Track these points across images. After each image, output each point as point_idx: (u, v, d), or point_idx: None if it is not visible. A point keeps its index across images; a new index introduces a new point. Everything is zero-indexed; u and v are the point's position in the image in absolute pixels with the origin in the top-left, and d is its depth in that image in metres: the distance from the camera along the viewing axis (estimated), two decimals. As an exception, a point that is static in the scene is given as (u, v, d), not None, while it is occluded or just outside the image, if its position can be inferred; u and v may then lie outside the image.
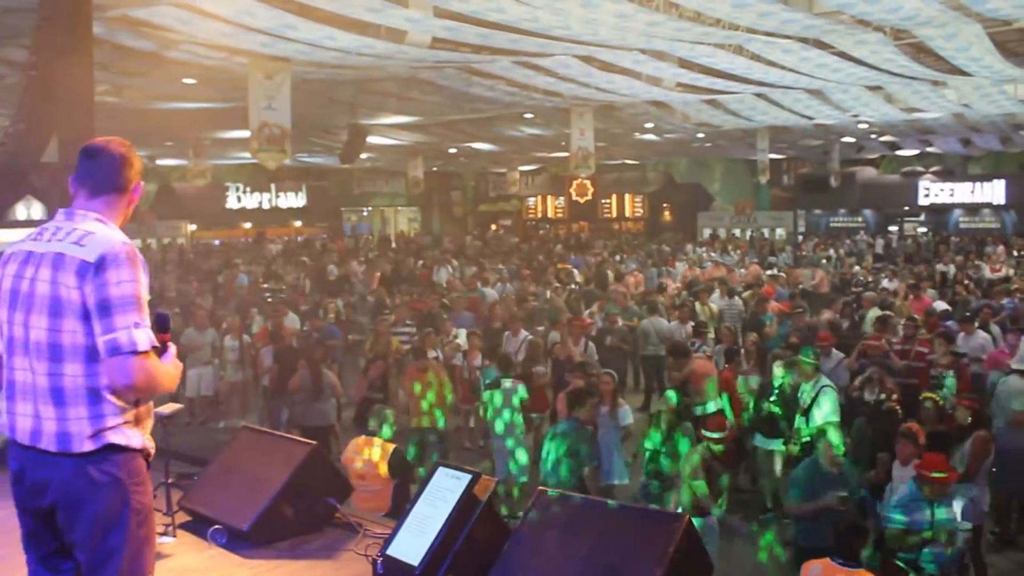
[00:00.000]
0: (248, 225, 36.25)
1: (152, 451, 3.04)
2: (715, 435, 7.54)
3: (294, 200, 38.35)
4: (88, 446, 2.84)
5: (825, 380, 9.15)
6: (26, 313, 2.87)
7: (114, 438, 2.87)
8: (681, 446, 8.08)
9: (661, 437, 8.17)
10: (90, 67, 9.22)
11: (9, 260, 2.97)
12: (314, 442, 4.82)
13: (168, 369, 2.98)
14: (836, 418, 8.73)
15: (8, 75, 15.10)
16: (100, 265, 2.79)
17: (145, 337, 2.81)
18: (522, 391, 9.56)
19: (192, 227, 34.09)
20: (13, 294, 2.91)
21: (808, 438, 8.54)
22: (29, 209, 29.34)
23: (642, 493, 8.07)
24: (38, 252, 2.89)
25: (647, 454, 8.36)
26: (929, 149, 33.27)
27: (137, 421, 2.96)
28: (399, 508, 6.02)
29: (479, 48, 15.04)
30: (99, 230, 2.90)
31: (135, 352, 2.78)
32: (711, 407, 9.73)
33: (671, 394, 9.12)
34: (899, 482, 7.19)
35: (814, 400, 8.78)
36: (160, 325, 3.01)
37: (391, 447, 6.87)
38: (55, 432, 2.84)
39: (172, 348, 3.05)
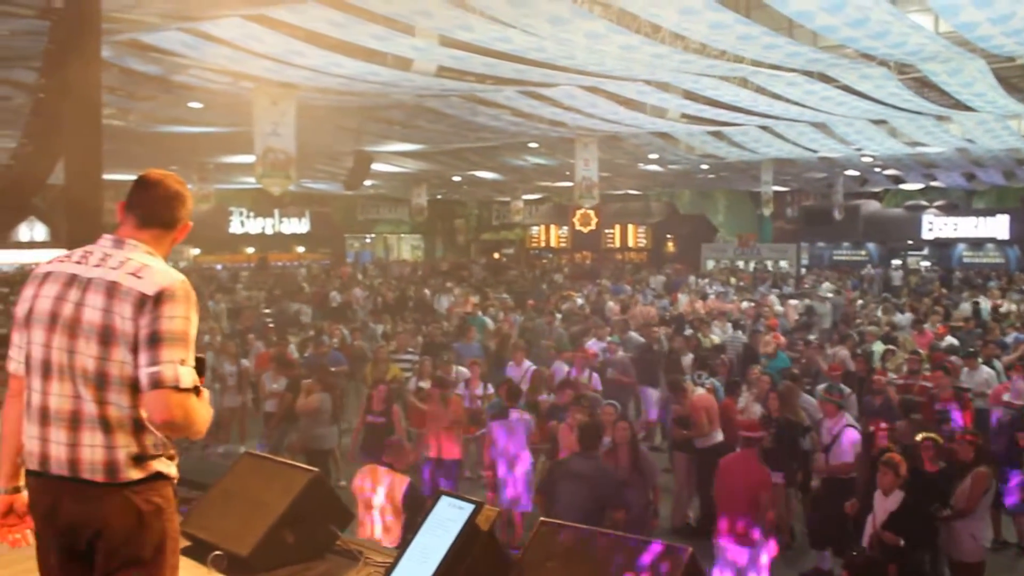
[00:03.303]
0: (251, 250, 36.34)
1: (176, 481, 3.02)
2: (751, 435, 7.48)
3: (297, 226, 38.45)
4: (136, 474, 2.78)
5: (850, 419, 8.93)
6: (70, 338, 2.77)
7: (159, 466, 2.85)
8: None
9: None
10: (98, 91, 9.23)
11: (47, 280, 2.87)
12: (316, 469, 4.77)
13: (206, 412, 2.94)
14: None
15: (16, 97, 15.20)
16: (158, 299, 2.73)
17: (189, 375, 2.75)
18: (529, 421, 9.51)
19: (195, 251, 34.13)
20: (53, 316, 2.80)
21: None
22: (32, 230, 29.38)
23: None
24: (84, 276, 2.81)
25: None
26: (933, 183, 33.37)
27: (171, 452, 2.94)
28: (409, 540, 5.92)
29: (484, 77, 15.12)
30: (155, 264, 2.84)
31: (177, 388, 2.71)
32: (718, 438, 9.69)
33: None
34: (880, 512, 7.06)
35: (835, 438, 8.65)
36: (197, 369, 2.93)
37: (406, 479, 6.66)
38: (103, 460, 2.76)
39: (206, 393, 2.97)
